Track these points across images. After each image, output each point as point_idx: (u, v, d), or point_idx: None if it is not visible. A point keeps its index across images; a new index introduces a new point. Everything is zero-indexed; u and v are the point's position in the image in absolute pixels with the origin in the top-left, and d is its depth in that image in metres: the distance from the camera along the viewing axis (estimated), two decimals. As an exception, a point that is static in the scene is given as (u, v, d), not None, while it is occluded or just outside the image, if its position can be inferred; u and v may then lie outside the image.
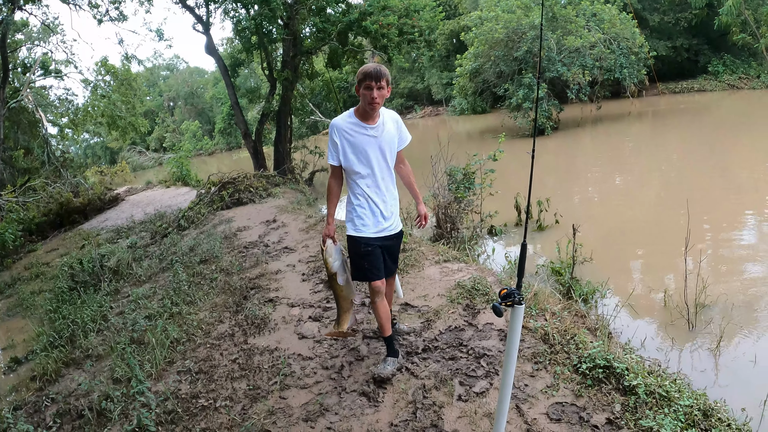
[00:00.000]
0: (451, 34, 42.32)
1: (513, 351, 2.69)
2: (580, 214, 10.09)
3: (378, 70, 3.74)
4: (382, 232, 4.12)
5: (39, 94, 28.82)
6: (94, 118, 29.92)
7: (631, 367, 3.68)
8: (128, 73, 30.59)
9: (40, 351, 6.50)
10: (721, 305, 5.71)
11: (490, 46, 24.33)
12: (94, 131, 38.41)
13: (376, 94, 3.75)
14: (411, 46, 18.93)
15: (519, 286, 2.68)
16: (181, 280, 7.60)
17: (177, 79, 74.99)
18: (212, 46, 19.61)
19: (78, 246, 13.16)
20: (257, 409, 4.09)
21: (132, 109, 29.96)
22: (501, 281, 5.67)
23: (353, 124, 3.95)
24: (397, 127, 4.14)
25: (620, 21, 23.03)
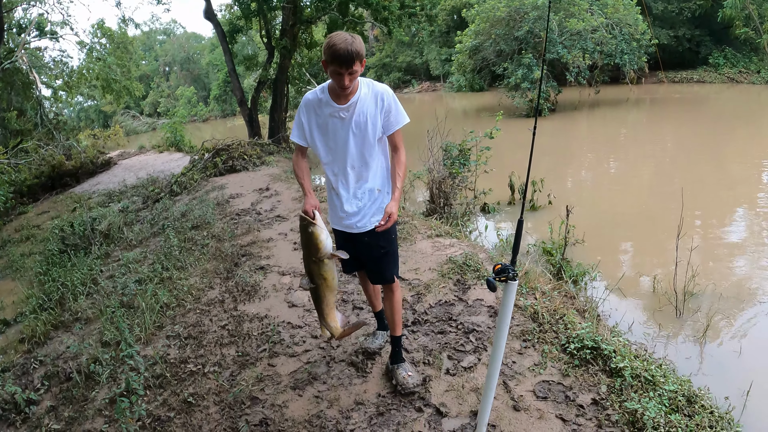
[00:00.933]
0: (452, 10, 42.03)
1: (504, 326, 2.68)
2: (573, 196, 10.10)
3: (348, 53, 3.04)
4: (345, 228, 3.59)
5: (34, 55, 28.46)
6: (89, 80, 29.62)
7: (618, 349, 3.70)
8: (124, 36, 30.24)
9: (29, 313, 6.48)
10: (709, 294, 5.75)
11: (491, 24, 24.16)
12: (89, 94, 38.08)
13: (347, 81, 3.14)
14: (412, 20, 18.81)
15: (513, 262, 2.67)
16: (173, 245, 7.58)
17: (173, 44, 74.29)
18: (211, 11, 19.42)
19: (69, 209, 13.11)
20: (246, 376, 4.10)
21: (127, 73, 29.68)
22: (492, 258, 5.69)
23: (323, 102, 3.36)
24: (382, 107, 3.41)
25: (623, 6, 22.89)
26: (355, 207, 3.50)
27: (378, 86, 3.45)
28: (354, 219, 3.52)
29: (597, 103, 24.83)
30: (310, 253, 3.26)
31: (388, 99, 3.43)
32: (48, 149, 21.23)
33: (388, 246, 3.62)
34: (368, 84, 3.43)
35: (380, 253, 3.60)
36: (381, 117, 3.41)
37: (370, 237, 3.54)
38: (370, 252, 3.60)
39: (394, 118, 3.46)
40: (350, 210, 3.51)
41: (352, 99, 3.33)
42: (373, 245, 3.57)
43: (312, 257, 3.26)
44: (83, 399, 4.24)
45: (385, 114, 3.42)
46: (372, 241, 3.55)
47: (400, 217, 7.22)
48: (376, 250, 3.59)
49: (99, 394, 4.25)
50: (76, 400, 4.25)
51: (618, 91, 27.53)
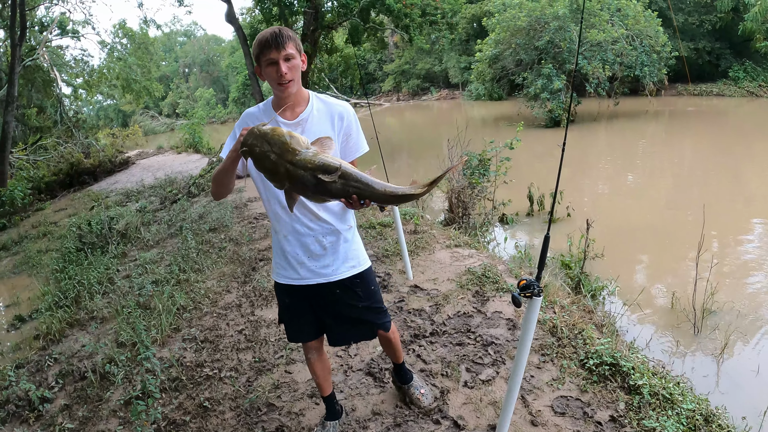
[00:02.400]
0: (472, 18, 42.01)
1: (527, 342, 2.65)
2: (590, 208, 10.04)
3: (278, 34, 2.50)
4: (304, 279, 2.84)
5: (55, 53, 28.77)
6: (109, 80, 29.94)
7: (637, 366, 3.65)
8: (146, 36, 30.54)
9: (45, 310, 6.50)
10: (727, 312, 5.68)
11: (511, 34, 24.10)
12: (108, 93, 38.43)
13: (285, 67, 2.51)
14: (432, 28, 18.84)
15: (539, 278, 2.63)
16: (190, 247, 7.59)
17: (194, 45, 75.01)
18: (233, 14, 19.51)
19: (87, 207, 13.19)
20: (262, 382, 4.07)
21: (147, 73, 29.95)
22: (511, 270, 5.64)
23: (267, 116, 2.67)
24: (341, 128, 2.70)
25: (644, 18, 22.77)
26: (317, 250, 2.80)
27: (337, 103, 2.74)
28: (319, 264, 2.82)
29: (616, 114, 24.70)
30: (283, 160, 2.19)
31: (349, 119, 2.72)
32: (67, 147, 21.46)
33: (368, 299, 2.98)
34: (324, 99, 2.76)
35: (358, 308, 2.96)
36: (338, 140, 2.69)
37: (342, 289, 2.89)
38: (341, 310, 2.96)
39: (354, 143, 2.75)
40: (311, 255, 2.81)
41: (301, 115, 2.65)
42: (348, 299, 2.92)
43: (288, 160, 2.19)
44: (98, 399, 4.24)
45: (344, 137, 2.72)
46: (345, 294, 2.90)
47: (418, 226, 7.20)
48: (352, 305, 2.95)
49: (114, 394, 4.24)
50: (90, 400, 4.24)
51: (637, 103, 27.37)
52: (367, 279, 2.96)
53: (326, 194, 2.28)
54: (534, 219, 9.38)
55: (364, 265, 2.95)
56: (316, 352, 3.15)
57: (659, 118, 23.96)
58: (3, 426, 4.12)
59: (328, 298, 2.90)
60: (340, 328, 3.06)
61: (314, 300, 2.92)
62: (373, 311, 3.02)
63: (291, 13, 18.93)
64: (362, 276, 2.93)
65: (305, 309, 2.95)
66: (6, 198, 14.63)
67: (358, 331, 3.12)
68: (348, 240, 2.87)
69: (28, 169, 19.23)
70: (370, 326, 3.07)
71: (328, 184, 2.20)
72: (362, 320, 3.02)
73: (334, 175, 2.19)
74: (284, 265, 2.86)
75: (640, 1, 23.49)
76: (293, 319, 3.03)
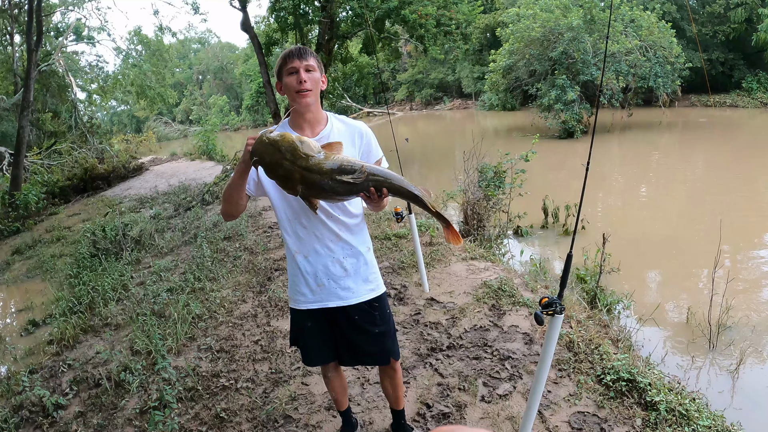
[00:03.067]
0: (486, 29, 42.03)
1: (547, 359, 2.63)
2: (604, 221, 10.01)
3: (301, 47, 2.56)
4: (323, 302, 2.77)
5: (70, 59, 29.03)
6: (124, 86, 30.19)
7: (654, 382, 3.62)
8: (160, 44, 30.78)
9: (59, 315, 6.53)
10: (743, 327, 5.63)
11: (525, 44, 24.11)
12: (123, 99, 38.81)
13: (305, 76, 2.52)
14: (447, 38, 18.85)
15: (560, 296, 2.62)
16: (205, 255, 7.60)
17: (208, 53, 75.46)
18: (248, 23, 19.60)
19: (100, 212, 13.27)
20: (279, 394, 4.06)
21: (161, 80, 30.15)
22: (527, 284, 5.62)
23: None
24: (361, 145, 2.70)
25: (658, 29, 22.72)
26: (337, 272, 2.73)
27: (355, 123, 2.75)
28: (337, 285, 2.74)
29: (629, 125, 24.60)
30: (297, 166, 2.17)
31: (368, 137, 2.72)
32: (81, 152, 21.62)
33: (384, 324, 2.90)
34: (342, 119, 2.77)
35: (374, 333, 2.88)
36: (359, 158, 2.64)
37: (361, 314, 2.81)
38: (358, 333, 2.86)
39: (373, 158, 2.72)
40: (332, 275, 2.73)
41: (321, 132, 2.61)
42: (365, 324, 2.84)
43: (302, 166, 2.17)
44: (112, 407, 4.23)
45: (365, 155, 2.70)
46: (363, 318, 2.82)
47: (433, 238, 7.18)
48: (369, 331, 2.86)
49: (129, 403, 4.23)
50: (105, 408, 4.24)
51: (650, 114, 27.27)
52: (384, 303, 2.90)
53: (345, 193, 2.30)
54: (549, 231, 9.34)
55: (381, 289, 2.90)
56: (334, 371, 3.12)
57: (672, 130, 23.86)
58: (17, 431, 4.13)
59: (346, 321, 2.82)
60: (355, 352, 2.96)
61: (332, 323, 2.84)
62: (389, 337, 2.94)
63: (306, 22, 19.01)
64: (380, 300, 2.87)
65: (324, 332, 2.87)
66: (20, 202, 14.73)
67: (373, 356, 3.01)
68: (367, 262, 2.81)
69: (42, 174, 19.35)
70: (384, 352, 2.96)
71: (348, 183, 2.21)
72: (378, 345, 2.93)
73: (358, 174, 2.20)
74: (303, 290, 2.77)
75: (654, 12, 23.46)
76: (311, 343, 2.93)
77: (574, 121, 21.57)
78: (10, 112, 23.94)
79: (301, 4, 17.55)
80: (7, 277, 9.59)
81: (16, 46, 25.54)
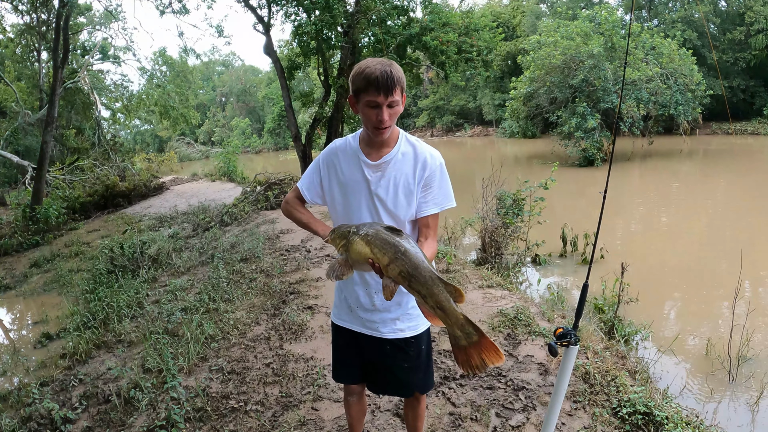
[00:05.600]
0: (507, 56, 42.25)
1: (561, 391, 2.57)
2: (623, 249, 9.91)
3: (387, 74, 2.23)
4: (354, 326, 2.71)
5: (95, 77, 29.48)
6: (147, 105, 30.53)
7: (671, 416, 3.54)
8: (185, 65, 31.21)
9: (73, 330, 6.55)
10: (764, 359, 5.51)
11: (546, 72, 24.18)
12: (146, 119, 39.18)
13: (387, 114, 2.29)
14: (468, 65, 18.90)
15: (576, 327, 2.56)
16: (221, 276, 7.59)
17: (231, 75, 76.30)
18: (271, 46, 19.81)
19: (119, 229, 13.36)
20: (288, 418, 4.01)
21: (185, 101, 30.47)
22: (544, 313, 5.55)
23: (352, 151, 2.51)
24: (422, 176, 2.46)
25: (679, 56, 22.68)
26: (377, 302, 2.60)
27: (426, 150, 2.50)
28: (375, 317, 2.63)
29: (650, 153, 24.51)
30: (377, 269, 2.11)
31: (433, 169, 2.47)
32: (103, 169, 21.86)
33: (417, 360, 2.75)
34: (413, 142, 2.52)
35: (404, 367, 2.74)
36: (417, 190, 2.46)
37: (392, 347, 2.67)
38: (387, 365, 2.74)
39: (433, 196, 2.49)
40: (371, 306, 2.62)
41: (385, 156, 2.45)
42: (396, 358, 2.70)
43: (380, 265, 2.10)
44: (120, 424, 4.20)
45: (424, 187, 2.48)
46: (394, 352, 2.68)
47: (450, 265, 7.13)
48: (398, 365, 2.72)
49: (137, 420, 4.20)
50: (113, 424, 4.20)
51: (671, 142, 27.16)
52: (421, 340, 2.72)
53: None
54: (567, 260, 9.25)
55: (420, 329, 2.69)
56: (357, 396, 3.01)
57: (693, 158, 23.71)
58: (24, 444, 4.11)
59: (376, 349, 2.69)
60: (382, 380, 2.85)
61: (363, 347, 2.74)
62: (419, 371, 2.78)
63: (329, 47, 19.16)
64: (417, 338, 2.69)
65: (353, 353, 2.78)
66: (41, 216, 14.88)
67: (397, 388, 2.88)
68: (401, 304, 2.62)
69: (64, 189, 19.58)
70: (410, 385, 2.81)
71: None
72: (405, 379, 2.77)
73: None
74: (340, 306, 2.76)
75: (675, 40, 23.43)
76: (341, 359, 2.88)
77: (594, 149, 21.52)
78: (35, 127, 24.33)
79: (324, 29, 17.68)
80: (24, 289, 9.66)
81: (43, 62, 26.02)
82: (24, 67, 27.31)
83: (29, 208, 15.44)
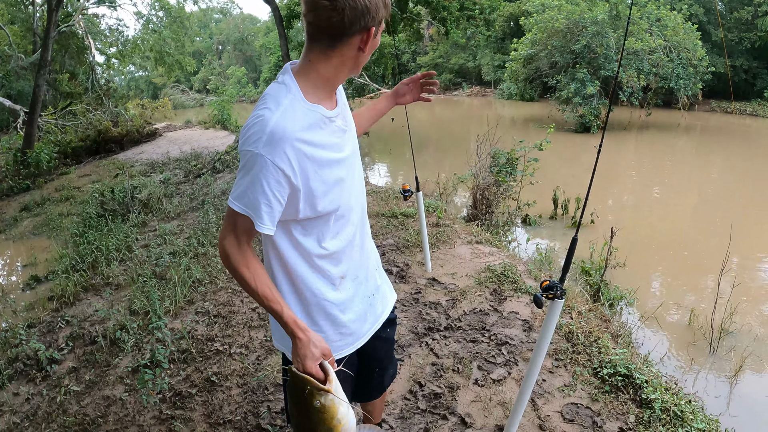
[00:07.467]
0: (510, 17, 41.65)
1: (544, 344, 2.57)
2: (614, 218, 9.92)
3: None
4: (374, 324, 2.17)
5: (90, 21, 29.00)
6: (143, 51, 30.15)
7: (651, 380, 3.57)
8: (182, 11, 30.69)
9: (61, 273, 6.56)
10: (745, 334, 5.56)
11: (548, 35, 23.87)
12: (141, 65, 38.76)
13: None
14: (469, 23, 18.70)
15: (562, 280, 2.56)
16: (211, 221, 7.59)
17: (229, 23, 75.27)
18: (270, -6, 19.48)
19: (110, 174, 13.28)
20: (272, 362, 4.04)
21: (181, 48, 30.10)
22: (531, 272, 5.57)
23: (315, 118, 1.70)
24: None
25: (683, 30, 22.42)
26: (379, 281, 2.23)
27: None
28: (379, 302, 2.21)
29: (647, 125, 24.38)
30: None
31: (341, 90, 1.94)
32: (96, 114, 21.64)
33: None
34: None
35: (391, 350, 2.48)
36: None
37: (390, 325, 2.35)
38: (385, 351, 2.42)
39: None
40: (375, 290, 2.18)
41: (338, 100, 1.88)
42: (392, 338, 2.42)
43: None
44: (106, 364, 4.24)
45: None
46: (392, 330, 2.39)
47: (440, 219, 7.14)
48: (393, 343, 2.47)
49: (122, 361, 4.23)
50: (98, 365, 4.24)
51: (669, 115, 27.00)
52: None
53: None
54: (557, 222, 9.27)
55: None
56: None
57: (690, 133, 23.63)
58: (10, 383, 4.14)
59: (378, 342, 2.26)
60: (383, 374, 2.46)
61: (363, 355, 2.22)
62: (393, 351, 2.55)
63: (328, -4, 18.89)
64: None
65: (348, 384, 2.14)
66: (32, 160, 14.79)
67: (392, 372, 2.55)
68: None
69: (55, 134, 19.42)
70: (395, 362, 2.58)
71: None
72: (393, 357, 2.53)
73: None
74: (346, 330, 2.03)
75: (681, 13, 23.15)
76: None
77: (591, 116, 21.39)
78: (28, 71, 24.00)
79: (325, -23, 17.41)
80: (13, 233, 9.63)
81: (37, 5, 25.56)
82: (18, 10, 26.79)
83: (20, 153, 15.38)
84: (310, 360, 1.66)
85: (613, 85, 5.75)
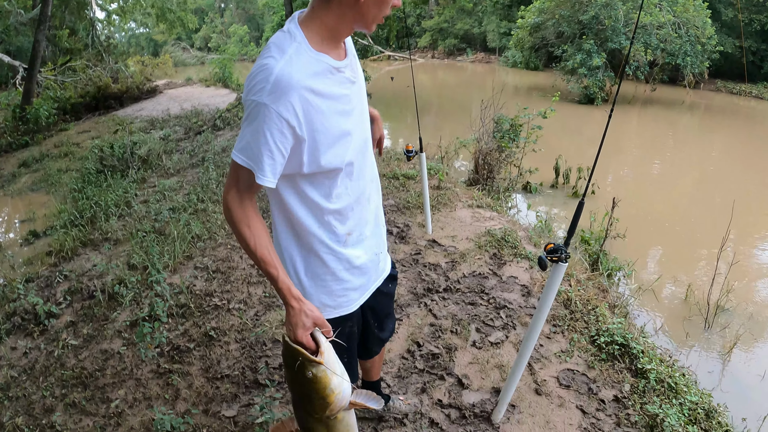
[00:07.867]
0: (518, -16, 41.21)
1: (545, 308, 2.57)
2: (615, 190, 9.87)
3: None
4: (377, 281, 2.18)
5: (91, -25, 28.60)
6: (144, 7, 29.72)
7: (647, 351, 3.59)
8: (185, -34, 30.24)
9: (60, 228, 6.56)
10: (740, 312, 5.57)
11: (556, 4, 23.62)
12: (142, 21, 38.33)
13: None
14: (477, -12, 18.46)
15: (567, 244, 2.54)
16: (211, 177, 7.56)
17: (232, -20, 74.32)
18: (275, -48, 19.20)
19: (111, 131, 13.20)
20: (270, 317, 4.05)
21: (183, 4, 29.70)
22: (531, 238, 5.56)
23: (321, 67, 1.64)
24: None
25: (694, 7, 22.13)
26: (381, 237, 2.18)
27: None
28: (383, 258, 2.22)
29: (651, 100, 24.21)
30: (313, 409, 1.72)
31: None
32: (96, 70, 21.42)
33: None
34: None
35: (392, 303, 2.52)
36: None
37: (392, 281, 2.37)
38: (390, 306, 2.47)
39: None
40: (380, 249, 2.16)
41: (347, 50, 1.83)
42: (393, 291, 2.42)
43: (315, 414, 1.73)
44: (104, 318, 4.24)
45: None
46: (393, 286, 2.40)
47: (442, 182, 7.11)
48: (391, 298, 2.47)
49: (120, 315, 4.24)
50: (96, 319, 4.25)
51: (674, 92, 26.79)
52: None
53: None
54: (557, 191, 9.24)
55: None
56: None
57: (694, 111, 23.45)
58: (7, 337, 4.15)
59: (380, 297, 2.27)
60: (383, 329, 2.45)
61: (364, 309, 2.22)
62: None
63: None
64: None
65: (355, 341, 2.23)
66: (31, 116, 14.65)
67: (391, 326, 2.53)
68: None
69: (55, 90, 19.22)
70: (394, 317, 2.56)
71: None
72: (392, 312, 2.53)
73: None
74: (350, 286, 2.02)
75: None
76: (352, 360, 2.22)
77: (596, 87, 21.23)
78: (27, 27, 23.67)
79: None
80: (12, 188, 9.59)
81: (37, -41, 25.21)
82: (17, -36, 26.46)
83: (19, 109, 15.18)
84: (300, 329, 1.67)
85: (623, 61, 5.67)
